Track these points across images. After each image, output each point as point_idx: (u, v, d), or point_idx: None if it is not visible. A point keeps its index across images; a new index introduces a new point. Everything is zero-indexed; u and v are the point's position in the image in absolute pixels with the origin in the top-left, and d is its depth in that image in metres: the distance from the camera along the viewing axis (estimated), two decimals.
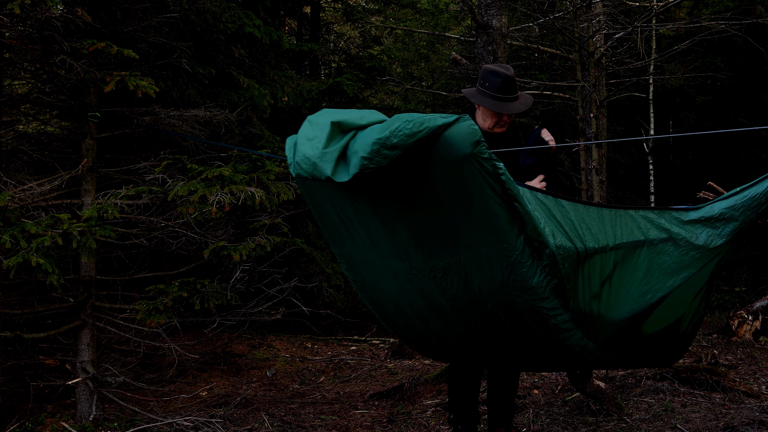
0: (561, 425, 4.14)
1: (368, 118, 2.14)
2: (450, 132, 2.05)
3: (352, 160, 2.04)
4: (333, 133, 2.09)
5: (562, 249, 2.28)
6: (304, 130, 2.19)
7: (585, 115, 7.42)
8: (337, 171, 2.06)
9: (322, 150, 2.07)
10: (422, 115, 2.06)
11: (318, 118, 2.18)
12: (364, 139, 2.05)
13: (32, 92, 4.75)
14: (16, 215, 3.79)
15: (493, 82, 3.10)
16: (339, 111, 2.20)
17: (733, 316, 7.16)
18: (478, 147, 2.11)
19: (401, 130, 2.00)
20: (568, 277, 2.31)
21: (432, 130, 2.02)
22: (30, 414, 4.54)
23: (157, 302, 4.19)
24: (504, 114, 3.14)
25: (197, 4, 4.69)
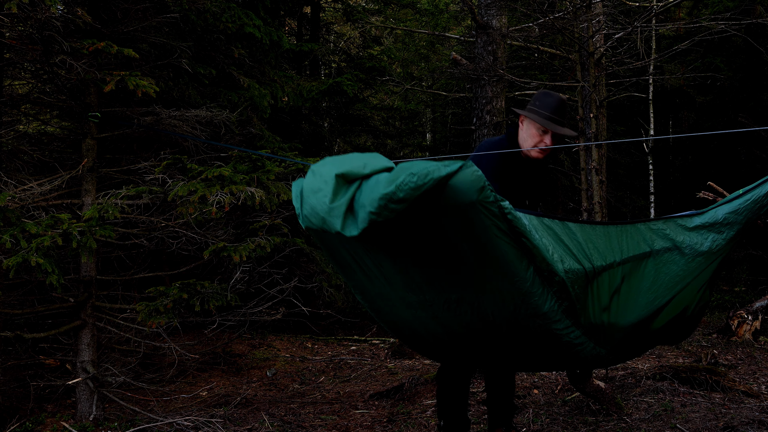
0: (561, 425, 4.14)
1: (371, 166, 2.13)
2: (455, 180, 2.07)
3: (359, 214, 2.07)
4: (338, 185, 2.10)
5: (571, 272, 2.35)
6: (310, 181, 2.19)
7: (585, 115, 7.42)
8: (346, 225, 2.09)
9: (330, 205, 2.09)
10: (426, 164, 2.05)
11: (322, 169, 2.17)
12: (370, 192, 2.05)
13: (32, 92, 4.76)
14: (16, 215, 3.80)
15: (545, 102, 3.12)
16: (342, 159, 2.19)
17: (732, 316, 7.16)
18: (483, 193, 2.14)
19: (407, 183, 2.00)
20: (578, 298, 2.38)
21: (437, 181, 2.03)
22: (30, 414, 4.54)
23: (158, 303, 4.19)
24: (546, 136, 3.12)
25: (197, 4, 4.69)
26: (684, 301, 2.65)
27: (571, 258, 2.37)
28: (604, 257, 2.42)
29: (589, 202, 7.28)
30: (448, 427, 3.34)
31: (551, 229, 2.38)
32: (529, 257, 2.28)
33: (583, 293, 2.38)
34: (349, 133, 10.85)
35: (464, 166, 2.08)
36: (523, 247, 2.26)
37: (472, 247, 2.26)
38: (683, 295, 2.59)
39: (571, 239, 2.39)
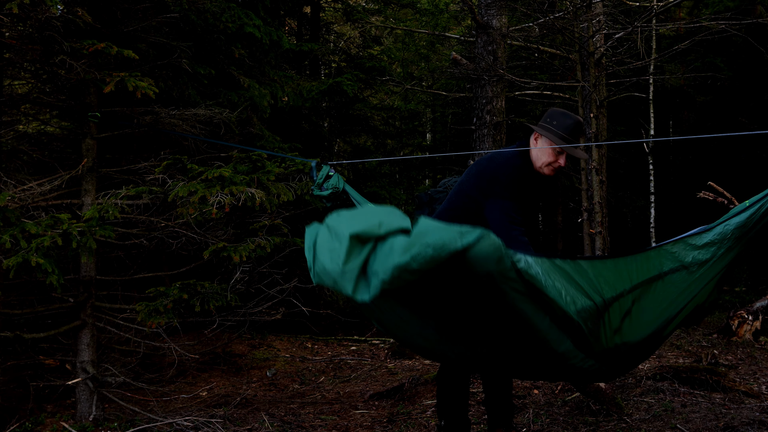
0: (561, 425, 4.14)
1: (387, 225, 2.08)
2: (473, 252, 2.04)
3: (372, 280, 2.04)
4: (352, 246, 2.06)
5: (584, 311, 2.40)
6: (324, 238, 2.16)
7: (585, 115, 7.42)
8: (358, 290, 2.07)
9: (343, 267, 2.06)
10: (443, 234, 2.00)
11: (338, 227, 2.13)
12: (384, 259, 2.02)
13: (32, 92, 4.75)
14: (16, 215, 3.79)
15: (562, 122, 3.11)
16: (357, 216, 2.15)
17: (733, 316, 7.16)
18: (501, 263, 2.15)
19: (422, 255, 1.96)
20: (591, 332, 2.44)
21: (454, 253, 2.00)
22: (30, 414, 4.54)
23: (157, 303, 4.19)
24: (561, 157, 3.11)
25: (197, 4, 4.69)
26: (696, 301, 2.68)
27: (582, 296, 2.42)
28: (614, 288, 2.46)
29: (590, 202, 7.28)
30: (448, 427, 3.34)
31: (563, 270, 2.41)
32: (546, 309, 2.33)
33: (595, 327, 2.45)
34: (349, 133, 10.85)
35: (482, 238, 2.04)
36: (540, 301, 2.31)
37: (488, 306, 2.31)
38: (695, 300, 2.63)
39: (582, 276, 2.43)
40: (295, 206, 5.83)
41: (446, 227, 2.03)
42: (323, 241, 2.15)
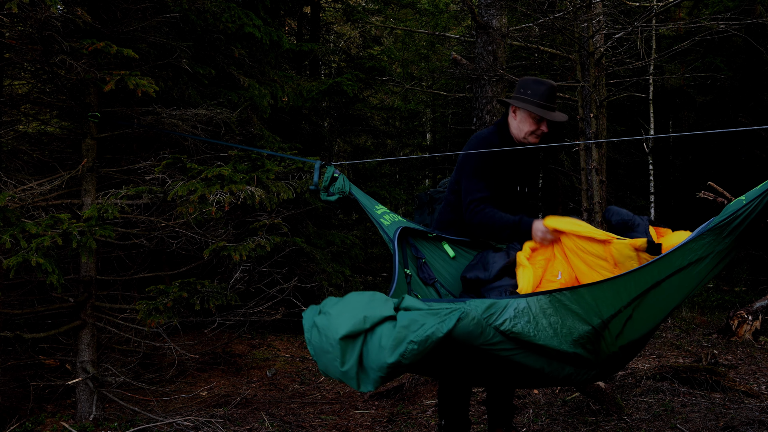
0: (561, 425, 4.14)
1: (371, 317, 2.22)
2: (456, 333, 2.20)
3: (369, 374, 2.21)
4: (344, 347, 2.21)
5: (581, 338, 2.46)
6: (317, 340, 2.30)
7: (585, 115, 7.42)
8: (361, 383, 2.23)
9: (341, 370, 2.23)
10: (424, 325, 2.16)
11: (327, 329, 2.26)
12: (376, 354, 2.18)
13: (32, 92, 4.75)
14: (16, 215, 3.79)
15: (536, 89, 3.15)
16: (342, 313, 2.27)
17: (733, 316, 7.16)
18: (484, 335, 2.30)
19: (409, 352, 2.13)
20: (591, 351, 2.52)
21: (438, 341, 2.15)
22: (30, 414, 4.54)
23: (157, 302, 4.19)
24: (543, 123, 3.17)
25: (197, 4, 4.69)
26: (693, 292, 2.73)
27: (580, 323, 2.47)
28: (613, 306, 2.50)
29: (589, 202, 7.28)
30: (448, 427, 3.34)
31: (560, 302, 2.46)
32: (540, 352, 2.43)
33: (596, 346, 2.52)
34: (349, 133, 10.85)
35: (461, 319, 2.21)
36: (532, 349, 2.41)
37: (485, 361, 2.46)
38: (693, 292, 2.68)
39: (580, 304, 2.47)
40: (295, 205, 5.83)
41: (426, 315, 2.20)
42: (317, 341, 2.30)
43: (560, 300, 2.45)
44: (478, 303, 2.36)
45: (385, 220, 3.14)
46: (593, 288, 2.47)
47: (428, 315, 2.19)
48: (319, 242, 7.56)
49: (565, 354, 2.45)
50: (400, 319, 2.19)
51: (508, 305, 2.39)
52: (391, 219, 3.17)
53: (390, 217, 3.18)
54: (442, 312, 2.21)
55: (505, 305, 2.39)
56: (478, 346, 2.31)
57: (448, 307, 2.25)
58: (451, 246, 3.28)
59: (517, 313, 2.38)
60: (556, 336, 2.42)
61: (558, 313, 2.45)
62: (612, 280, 2.48)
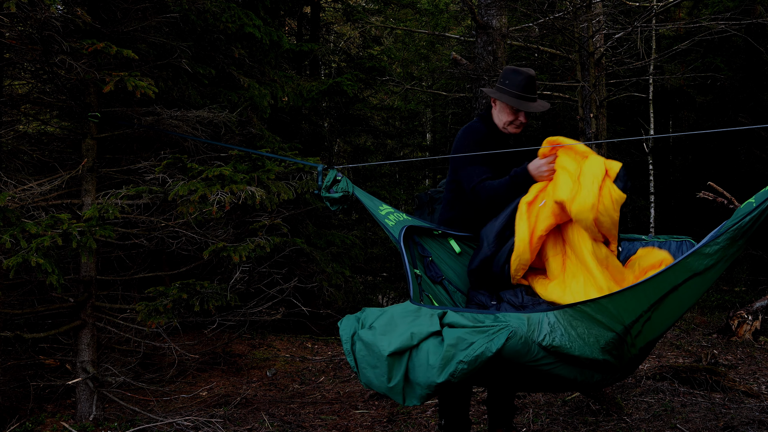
0: (561, 425, 4.14)
1: (418, 334, 2.25)
2: (505, 353, 2.24)
3: (416, 390, 2.24)
4: (392, 365, 2.25)
5: (608, 344, 2.51)
6: (363, 353, 2.32)
7: (585, 115, 7.42)
8: (407, 398, 2.26)
9: (388, 386, 2.26)
10: (474, 345, 2.18)
11: (374, 344, 2.28)
12: (423, 371, 2.20)
13: (32, 92, 4.75)
14: (16, 215, 3.79)
15: (514, 80, 3.16)
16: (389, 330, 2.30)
17: (732, 316, 7.16)
18: (531, 353, 2.35)
19: (458, 371, 2.16)
20: (617, 356, 2.57)
21: (488, 360, 2.18)
22: (30, 414, 4.54)
23: (157, 303, 4.19)
24: (521, 113, 3.19)
25: (197, 4, 4.69)
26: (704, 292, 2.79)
27: (605, 331, 2.51)
28: (633, 313, 2.53)
29: None
30: (448, 427, 3.34)
31: (584, 313, 2.50)
32: (575, 362, 2.48)
33: (620, 350, 2.57)
34: (349, 133, 10.85)
35: (510, 338, 2.24)
36: (569, 360, 2.46)
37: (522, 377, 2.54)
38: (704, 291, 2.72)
39: (603, 314, 2.51)
40: (295, 205, 5.83)
41: (474, 333, 2.22)
42: (363, 355, 2.32)
43: (584, 311, 2.50)
44: (516, 319, 2.40)
45: (390, 221, 3.14)
46: (614, 297, 2.52)
47: (476, 333, 2.21)
48: (319, 242, 7.56)
49: (596, 362, 2.50)
50: (447, 337, 2.21)
51: (541, 320, 2.45)
52: (395, 219, 3.16)
53: (395, 217, 3.18)
54: (491, 330, 2.23)
55: (539, 320, 2.44)
56: (524, 363, 2.36)
57: (495, 324, 2.27)
58: (456, 242, 3.29)
59: (551, 328, 2.44)
60: (586, 345, 2.48)
61: (584, 323, 2.50)
62: (632, 289, 2.52)
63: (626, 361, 2.64)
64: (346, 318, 2.46)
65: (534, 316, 2.45)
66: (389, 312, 2.38)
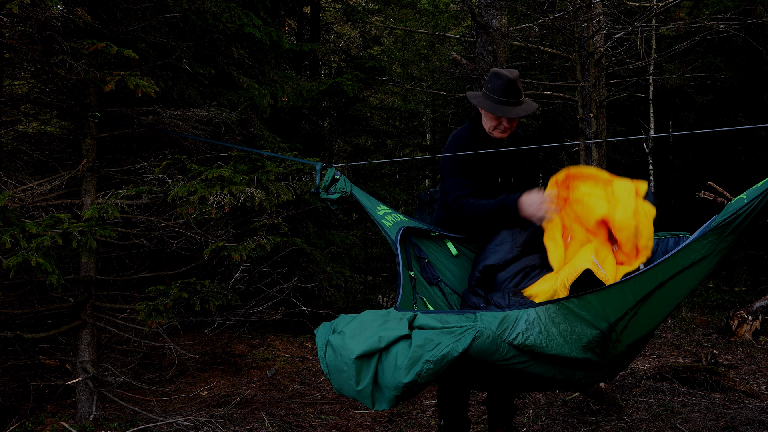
0: (561, 425, 4.14)
1: (386, 337, 2.24)
2: (472, 352, 2.23)
3: (385, 393, 2.23)
4: (359, 367, 2.24)
5: (590, 343, 2.49)
6: (332, 359, 2.31)
7: (585, 115, 7.42)
8: (376, 402, 2.25)
9: (356, 388, 2.25)
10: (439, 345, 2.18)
11: (342, 348, 2.27)
12: (391, 374, 2.19)
13: (32, 92, 4.75)
14: (16, 215, 3.79)
15: (495, 84, 3.11)
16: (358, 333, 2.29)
17: (733, 316, 7.16)
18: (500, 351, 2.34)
19: (425, 371, 2.15)
20: (600, 354, 2.55)
21: (454, 360, 2.18)
22: (30, 414, 4.54)
23: (157, 303, 4.19)
24: (504, 118, 3.14)
25: (197, 4, 4.69)
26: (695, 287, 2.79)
27: (589, 328, 2.49)
28: (619, 310, 2.52)
29: None
30: (448, 427, 3.34)
31: (568, 309, 2.48)
32: (553, 361, 2.47)
33: (604, 348, 2.55)
34: (349, 133, 10.84)
35: (477, 337, 2.23)
36: (545, 359, 2.44)
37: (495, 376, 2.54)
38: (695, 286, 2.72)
39: (588, 310, 2.49)
40: (294, 206, 5.83)
41: (441, 334, 2.21)
42: (332, 360, 2.32)
43: (568, 307, 2.48)
44: (489, 318, 2.39)
45: (387, 221, 3.14)
46: (600, 294, 2.49)
47: (443, 334, 2.21)
48: (319, 242, 7.55)
49: (576, 360, 2.48)
50: (415, 338, 2.21)
51: (519, 317, 2.42)
52: (393, 220, 3.16)
53: (392, 218, 3.18)
54: (457, 331, 2.22)
55: (516, 317, 2.42)
56: (493, 362, 2.35)
57: (462, 325, 2.27)
58: (453, 244, 3.29)
59: (528, 326, 2.41)
60: (567, 343, 2.45)
61: (567, 320, 2.47)
62: (618, 285, 2.50)
63: (612, 359, 2.61)
64: (322, 326, 2.45)
65: (512, 314, 2.43)
66: (360, 317, 2.38)
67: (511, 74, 3.09)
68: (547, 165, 12.67)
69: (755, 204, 2.45)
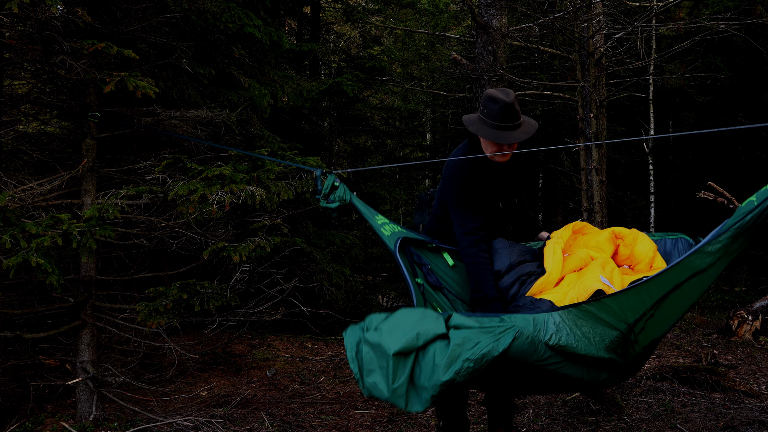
0: (561, 425, 4.14)
1: (424, 335, 2.23)
2: (511, 352, 2.24)
3: (422, 394, 2.20)
4: (396, 363, 2.22)
5: (612, 343, 2.54)
6: (368, 356, 2.29)
7: (585, 115, 7.42)
8: (410, 402, 2.22)
9: (391, 386, 2.22)
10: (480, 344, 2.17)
11: (380, 343, 2.25)
12: (429, 373, 2.17)
13: (32, 92, 4.75)
14: (16, 215, 3.79)
15: (491, 109, 2.98)
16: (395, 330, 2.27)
17: (733, 316, 7.16)
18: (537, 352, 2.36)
19: (465, 369, 2.14)
20: (621, 355, 2.60)
21: (494, 359, 2.18)
22: (30, 414, 4.53)
23: (157, 303, 4.19)
24: (504, 144, 3.04)
25: (197, 4, 4.69)
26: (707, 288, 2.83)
27: (609, 329, 2.55)
28: (637, 311, 2.57)
29: (589, 202, 7.28)
30: (447, 427, 3.34)
31: (589, 312, 2.53)
32: (582, 362, 2.51)
33: (625, 349, 2.60)
34: (349, 133, 10.85)
35: (517, 338, 2.25)
36: (576, 359, 2.49)
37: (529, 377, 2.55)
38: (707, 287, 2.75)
39: (607, 313, 2.54)
40: (295, 205, 5.83)
41: (480, 333, 2.20)
42: (369, 358, 2.29)
43: (588, 310, 2.53)
44: (521, 320, 2.40)
45: (386, 231, 3.15)
46: (618, 297, 2.54)
47: (482, 333, 2.21)
48: (319, 242, 7.55)
49: (602, 360, 2.53)
50: (453, 337, 2.20)
51: (547, 320, 2.46)
52: (391, 230, 3.17)
53: (390, 228, 3.18)
54: (497, 330, 2.23)
55: (544, 320, 2.45)
56: (531, 363, 2.37)
57: (500, 324, 2.27)
58: (450, 256, 3.31)
59: (557, 327, 2.46)
60: (592, 344, 2.50)
61: (588, 322, 2.53)
62: (635, 288, 2.55)
63: (631, 360, 2.67)
64: (351, 328, 2.42)
65: (539, 317, 2.46)
66: (396, 315, 2.36)
67: (508, 97, 2.96)
68: (547, 165, 12.66)
69: (765, 206, 2.47)
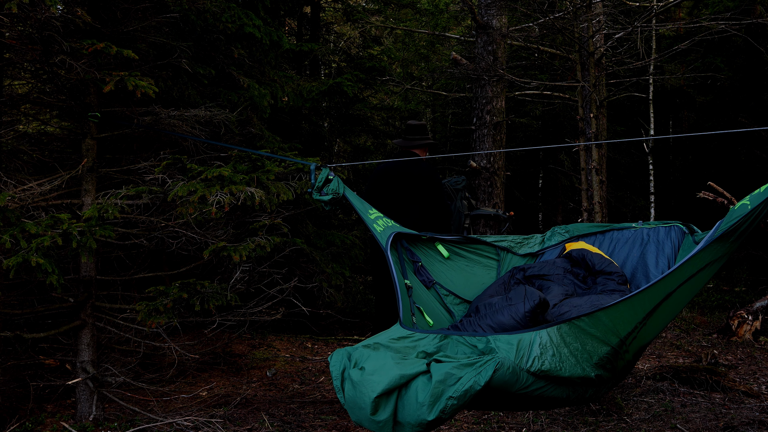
0: (561, 425, 4.14)
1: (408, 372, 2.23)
2: (493, 384, 2.23)
3: (406, 428, 2.20)
4: (378, 404, 2.22)
5: (602, 360, 2.52)
6: (349, 392, 2.31)
7: (585, 115, 7.42)
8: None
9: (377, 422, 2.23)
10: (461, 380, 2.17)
11: (362, 386, 2.26)
12: (413, 411, 2.17)
13: (32, 92, 4.75)
14: (16, 215, 3.79)
15: None
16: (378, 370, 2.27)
17: (733, 316, 7.15)
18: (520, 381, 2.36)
19: (449, 407, 2.14)
20: (611, 369, 2.59)
21: (477, 394, 2.17)
22: (30, 414, 4.53)
23: (157, 303, 4.19)
24: None
25: (197, 4, 4.68)
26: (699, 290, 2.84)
27: (600, 344, 2.52)
28: (629, 323, 2.54)
29: (589, 202, 7.27)
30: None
31: (579, 327, 2.50)
32: (567, 383, 2.49)
33: (614, 363, 2.59)
34: (349, 133, 10.84)
35: (498, 369, 2.24)
36: (560, 381, 2.47)
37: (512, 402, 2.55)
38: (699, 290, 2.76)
39: (598, 327, 2.51)
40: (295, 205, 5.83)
41: (461, 367, 2.20)
42: (351, 395, 2.31)
43: (579, 326, 2.49)
44: (504, 345, 2.39)
45: (378, 226, 3.14)
46: (610, 311, 2.50)
47: (463, 367, 2.20)
48: (319, 242, 7.55)
49: (588, 379, 2.52)
50: (434, 373, 2.19)
51: (533, 341, 2.43)
52: (384, 225, 3.16)
53: (383, 222, 3.18)
54: (477, 363, 2.22)
55: (530, 341, 2.43)
56: (515, 393, 2.36)
57: (479, 359, 2.26)
58: (444, 246, 3.30)
59: (542, 349, 2.42)
60: (578, 363, 2.48)
61: (578, 339, 2.49)
62: (628, 300, 2.50)
63: (619, 370, 2.65)
64: (336, 353, 2.44)
65: (525, 337, 2.43)
66: (379, 353, 2.36)
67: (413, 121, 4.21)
68: (548, 165, 12.66)
69: (759, 210, 2.46)
